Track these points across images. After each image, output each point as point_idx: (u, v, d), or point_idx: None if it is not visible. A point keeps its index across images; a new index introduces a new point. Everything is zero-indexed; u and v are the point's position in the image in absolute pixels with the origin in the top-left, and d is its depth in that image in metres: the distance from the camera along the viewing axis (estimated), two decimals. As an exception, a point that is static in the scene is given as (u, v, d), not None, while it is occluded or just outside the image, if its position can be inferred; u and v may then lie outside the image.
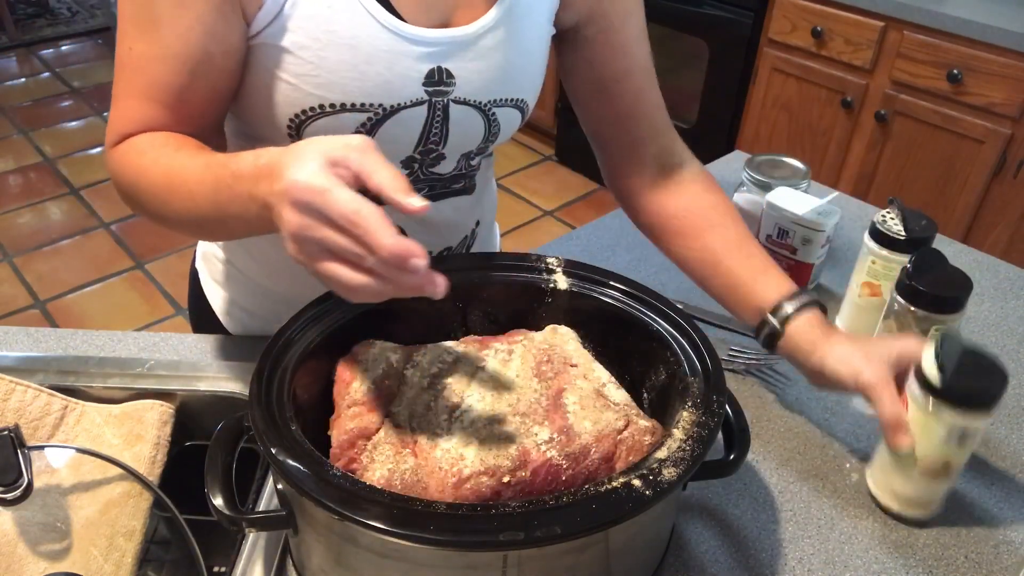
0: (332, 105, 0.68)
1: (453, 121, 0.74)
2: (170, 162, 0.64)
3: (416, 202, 0.48)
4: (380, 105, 0.69)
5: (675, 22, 2.47)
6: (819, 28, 2.08)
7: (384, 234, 0.47)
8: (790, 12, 2.14)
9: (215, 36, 0.65)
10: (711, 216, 0.83)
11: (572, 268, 0.72)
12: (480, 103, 0.74)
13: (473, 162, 0.83)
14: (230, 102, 0.71)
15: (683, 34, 2.47)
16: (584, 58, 0.81)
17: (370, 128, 0.70)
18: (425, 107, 0.71)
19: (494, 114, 0.76)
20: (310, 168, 0.49)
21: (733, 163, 1.29)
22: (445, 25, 0.71)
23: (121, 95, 0.68)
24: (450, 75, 0.71)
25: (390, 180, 0.49)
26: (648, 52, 0.85)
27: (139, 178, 0.66)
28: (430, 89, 0.71)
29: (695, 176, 0.86)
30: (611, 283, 0.70)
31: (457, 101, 0.73)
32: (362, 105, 0.69)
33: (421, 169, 0.78)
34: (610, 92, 0.83)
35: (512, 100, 0.77)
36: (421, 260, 0.47)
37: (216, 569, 0.75)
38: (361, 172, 0.50)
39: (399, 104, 0.70)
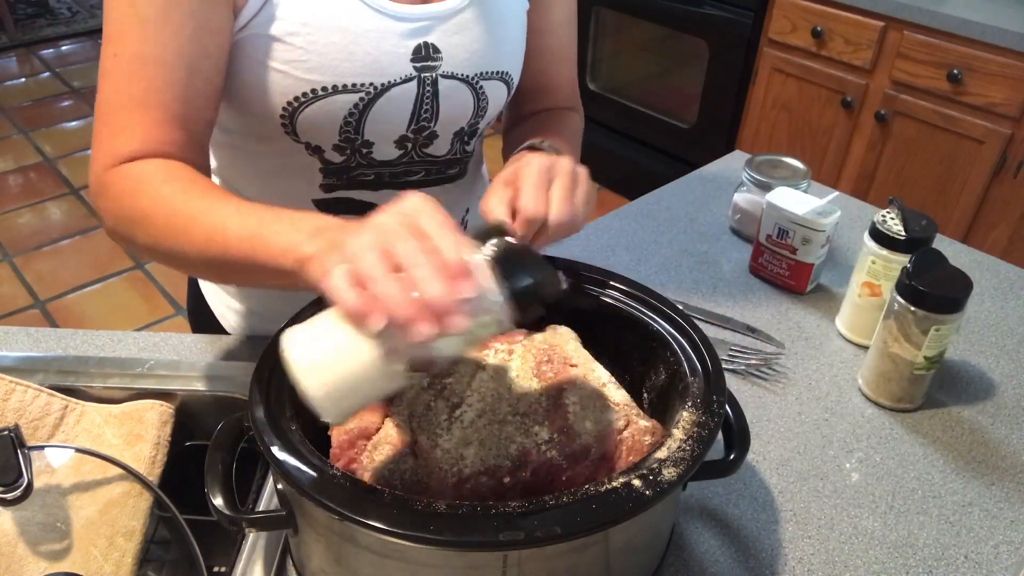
0: (324, 88, 0.69)
1: (443, 96, 0.75)
2: (185, 203, 0.61)
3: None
4: (371, 84, 0.70)
5: (675, 22, 2.47)
6: (819, 28, 2.08)
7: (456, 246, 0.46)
8: (790, 12, 2.14)
9: (209, 28, 0.64)
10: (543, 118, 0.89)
11: (572, 268, 0.72)
12: (468, 76, 0.76)
13: (468, 147, 0.84)
14: (220, 103, 0.70)
15: (683, 34, 2.47)
16: None
17: (363, 108, 0.71)
18: (415, 83, 0.73)
19: (482, 87, 0.78)
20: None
21: (733, 163, 1.29)
22: (427, 1, 0.72)
23: (114, 109, 0.64)
24: (436, 50, 0.72)
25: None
26: (572, 36, 0.90)
27: (139, 210, 0.62)
28: (418, 65, 0.72)
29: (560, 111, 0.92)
30: (611, 283, 0.70)
31: (445, 76, 0.74)
32: (353, 86, 0.70)
33: (415, 150, 0.78)
34: (525, 67, 0.85)
35: (498, 73, 0.78)
36: (470, 283, 0.45)
37: (216, 569, 0.75)
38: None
39: (389, 82, 0.71)
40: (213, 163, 0.86)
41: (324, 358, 0.47)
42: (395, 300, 0.44)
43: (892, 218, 0.87)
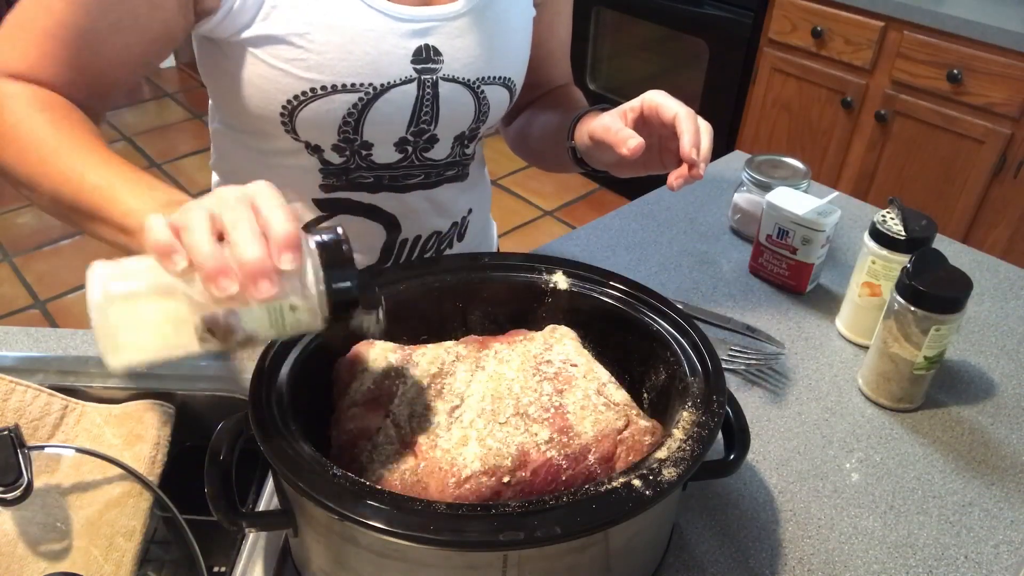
0: (323, 87, 0.69)
1: (443, 100, 0.75)
2: (52, 135, 0.59)
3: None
4: (370, 84, 0.70)
5: (675, 22, 2.47)
6: (819, 28, 2.08)
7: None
8: (790, 12, 2.14)
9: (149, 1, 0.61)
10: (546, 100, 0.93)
11: (572, 268, 0.72)
12: (469, 80, 0.76)
13: (468, 150, 0.84)
14: (139, 69, 0.67)
15: (683, 34, 2.47)
16: None
17: (361, 108, 0.71)
18: (414, 85, 0.72)
19: (483, 92, 0.78)
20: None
21: (733, 163, 1.29)
22: (429, 3, 0.72)
23: (13, 27, 0.61)
24: (437, 52, 0.72)
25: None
26: (570, 30, 0.92)
27: (4, 126, 0.59)
28: (418, 67, 0.72)
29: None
30: (611, 283, 0.70)
31: (446, 79, 0.74)
32: (352, 85, 0.70)
33: (416, 154, 0.78)
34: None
35: (499, 78, 0.78)
36: (293, 255, 0.43)
37: (216, 569, 0.75)
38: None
39: (388, 83, 0.71)
40: (215, 157, 0.86)
41: (121, 287, 0.44)
42: (203, 250, 0.42)
43: (892, 218, 0.87)
